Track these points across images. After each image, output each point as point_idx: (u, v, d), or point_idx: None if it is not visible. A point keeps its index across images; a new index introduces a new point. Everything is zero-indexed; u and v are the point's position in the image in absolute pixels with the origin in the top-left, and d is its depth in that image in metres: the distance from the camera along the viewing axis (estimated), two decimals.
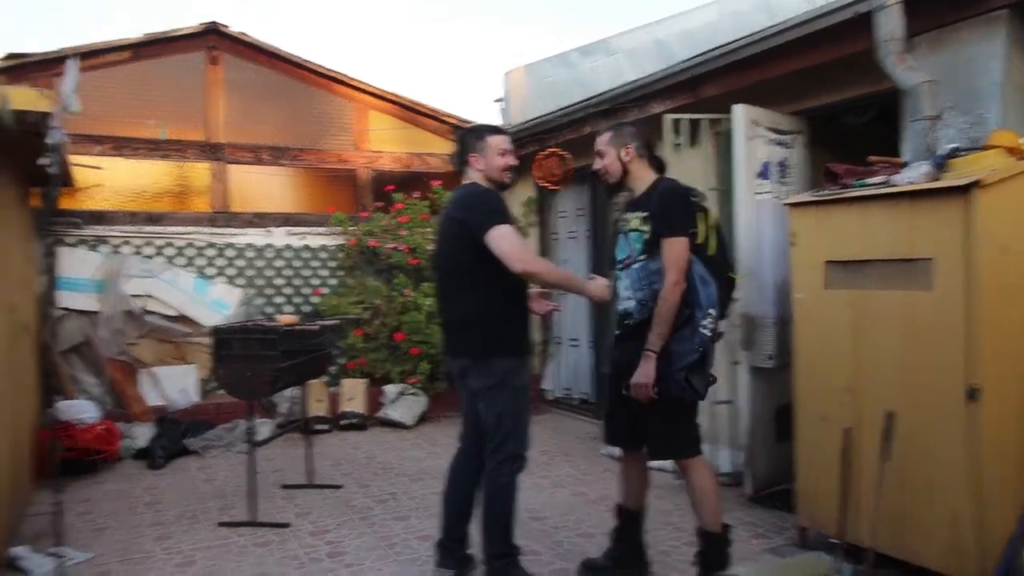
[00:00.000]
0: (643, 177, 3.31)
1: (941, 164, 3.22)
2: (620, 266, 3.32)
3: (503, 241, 3.11)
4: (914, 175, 3.23)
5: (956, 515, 3.04)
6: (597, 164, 3.38)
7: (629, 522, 3.49)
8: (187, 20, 8.07)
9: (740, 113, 4.42)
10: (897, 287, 3.25)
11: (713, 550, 3.23)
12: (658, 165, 3.37)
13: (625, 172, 3.31)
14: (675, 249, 3.08)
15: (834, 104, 4.62)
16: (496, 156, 3.35)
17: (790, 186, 4.67)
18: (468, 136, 3.43)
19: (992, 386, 2.98)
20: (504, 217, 3.18)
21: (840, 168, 3.67)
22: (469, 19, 25.83)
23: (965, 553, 3.00)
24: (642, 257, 3.20)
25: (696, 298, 3.05)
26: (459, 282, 3.29)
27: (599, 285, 3.37)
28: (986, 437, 2.97)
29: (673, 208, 3.14)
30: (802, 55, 4.32)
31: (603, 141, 3.35)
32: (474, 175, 3.37)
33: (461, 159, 3.43)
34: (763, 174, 4.51)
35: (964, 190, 2.97)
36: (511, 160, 3.40)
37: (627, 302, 3.27)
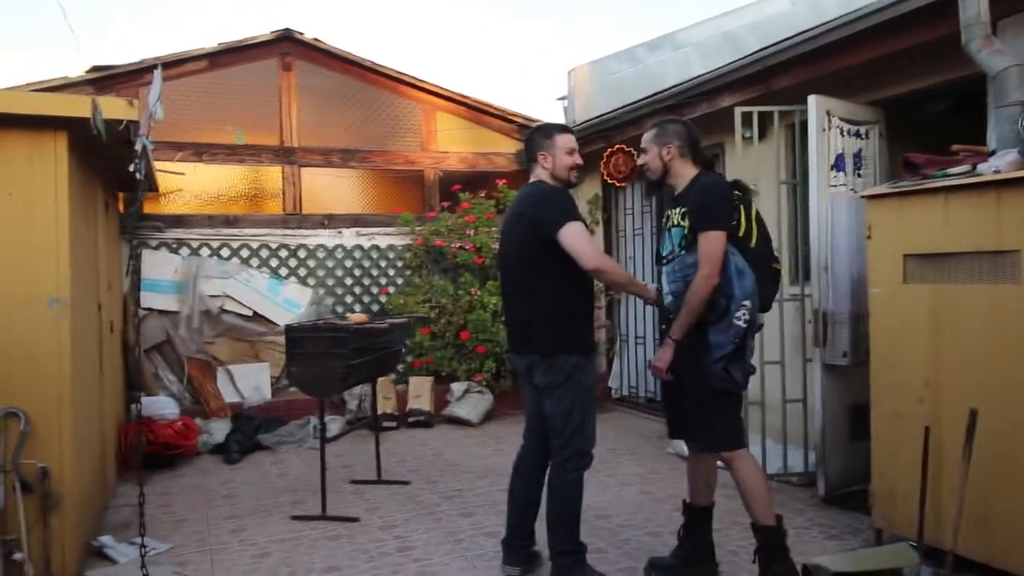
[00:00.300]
0: (685, 174, 3.32)
1: None
2: (665, 262, 3.34)
3: (575, 238, 3.14)
4: (1001, 164, 3.11)
5: None
6: (640, 160, 3.43)
7: (697, 520, 3.44)
8: (258, 28, 8.27)
9: (814, 104, 4.32)
10: (982, 281, 3.14)
11: (770, 543, 3.18)
12: (704, 162, 3.37)
13: (666, 170, 3.33)
14: (710, 243, 3.09)
15: (912, 93, 4.48)
16: (564, 155, 3.36)
17: (866, 178, 4.53)
18: (536, 135, 3.45)
19: None
20: (575, 215, 3.21)
21: (920, 158, 3.55)
22: (533, 19, 25.90)
23: None
24: (683, 251, 3.22)
25: (731, 290, 3.07)
26: (526, 280, 3.31)
27: (655, 291, 3.45)
28: None
29: (709, 202, 3.15)
30: (880, 42, 4.19)
31: (647, 139, 3.37)
32: (541, 173, 3.39)
33: (529, 157, 3.45)
34: (838, 166, 4.39)
35: None
36: (578, 159, 3.42)
37: (667, 296, 3.31)
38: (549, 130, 3.44)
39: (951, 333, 3.25)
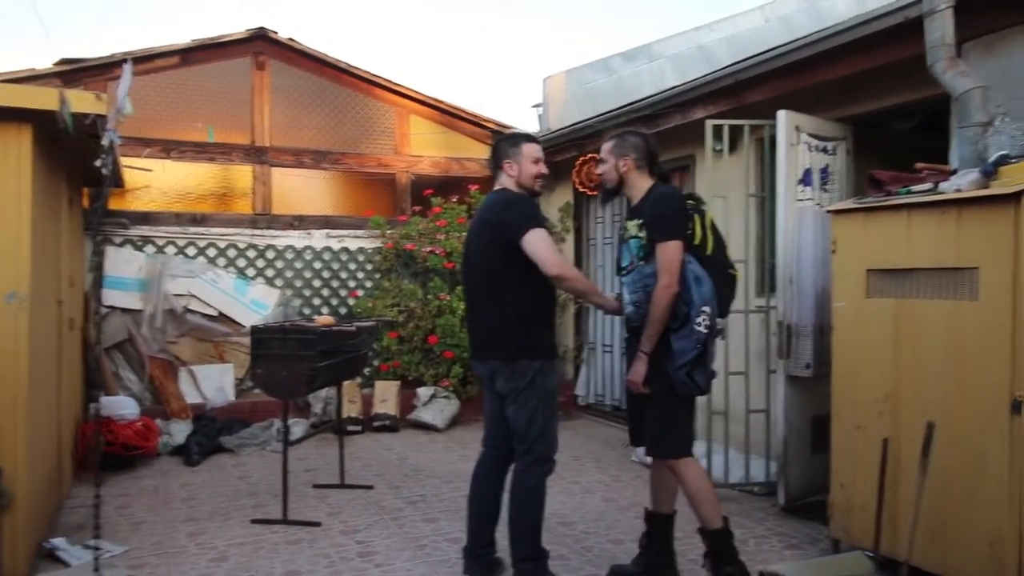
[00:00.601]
0: (640, 186, 3.40)
1: (990, 172, 3.15)
2: (624, 273, 3.41)
3: (539, 245, 3.16)
4: (962, 182, 3.17)
5: (997, 531, 2.97)
6: (598, 170, 3.51)
7: (659, 527, 3.47)
8: (232, 26, 8.21)
9: (783, 119, 4.38)
10: (942, 296, 3.20)
11: (720, 546, 3.24)
12: (661, 174, 3.44)
13: (622, 181, 3.40)
14: (667, 253, 3.17)
15: (879, 111, 4.57)
16: (529, 164, 3.40)
17: (832, 193, 4.61)
18: (503, 143, 3.49)
19: None
20: (540, 222, 3.23)
21: (885, 175, 3.62)
22: (510, 25, 25.97)
23: (1006, 570, 2.93)
24: (642, 262, 3.29)
25: (690, 297, 3.13)
26: (490, 286, 3.32)
27: (615, 302, 3.52)
28: None
29: (664, 214, 3.23)
30: (849, 60, 4.27)
31: (605, 149, 3.44)
32: (507, 181, 3.42)
33: (495, 165, 3.48)
34: (805, 181, 4.46)
35: (1014, 198, 2.91)
36: (543, 168, 3.46)
37: (629, 306, 3.37)
38: (516, 139, 3.48)
39: (911, 348, 3.31)
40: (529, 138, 3.54)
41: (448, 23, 25.96)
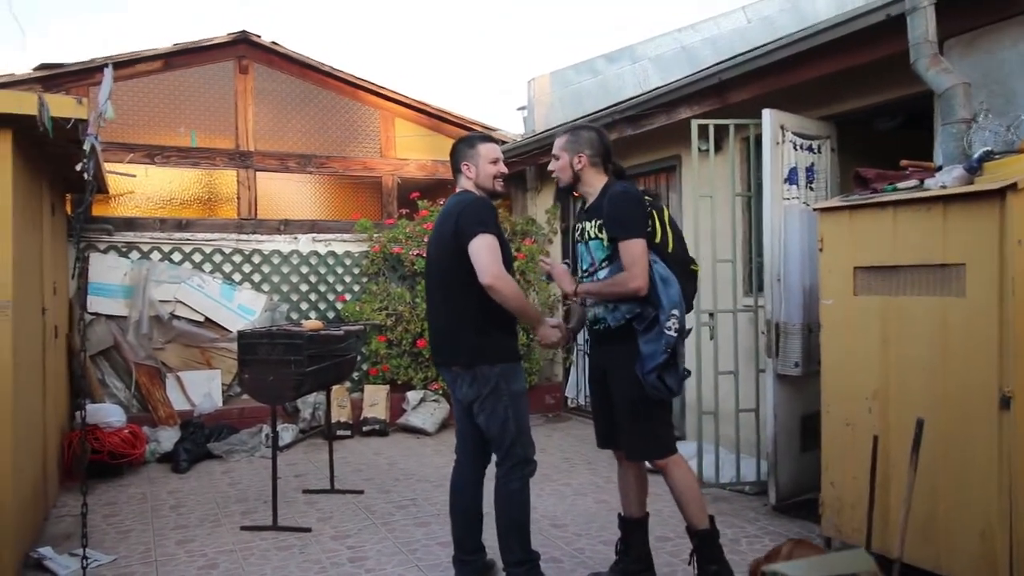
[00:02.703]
0: (595, 184, 3.32)
1: (975, 168, 3.17)
2: (585, 274, 3.35)
3: (481, 252, 3.11)
4: (947, 179, 3.18)
5: (988, 525, 2.98)
6: (551, 166, 3.40)
7: (633, 532, 3.46)
8: (215, 29, 8.18)
9: (768, 118, 4.40)
10: (928, 293, 3.21)
11: (706, 545, 3.23)
12: (617, 172, 3.37)
13: (577, 178, 3.32)
14: (632, 250, 3.10)
15: (863, 109, 4.59)
16: (487, 164, 3.36)
17: (818, 191, 4.63)
18: (460, 145, 3.44)
19: None
20: (488, 227, 3.15)
21: (870, 173, 3.63)
22: (496, 28, 26.00)
23: (996, 564, 2.94)
24: (605, 263, 3.23)
25: (658, 300, 3.08)
26: (450, 290, 3.28)
27: (551, 331, 3.37)
28: (1018, 445, 2.91)
29: (623, 210, 3.16)
30: (832, 59, 4.28)
31: (559, 145, 3.35)
32: (466, 183, 3.38)
33: (454, 168, 3.44)
34: (791, 179, 4.48)
35: (999, 194, 2.91)
36: (502, 168, 3.41)
37: (596, 308, 3.30)
38: (472, 140, 3.43)
39: (899, 344, 3.32)
40: (486, 138, 3.49)
41: (434, 27, 25.99)
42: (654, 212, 3.20)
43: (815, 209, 3.80)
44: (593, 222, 3.26)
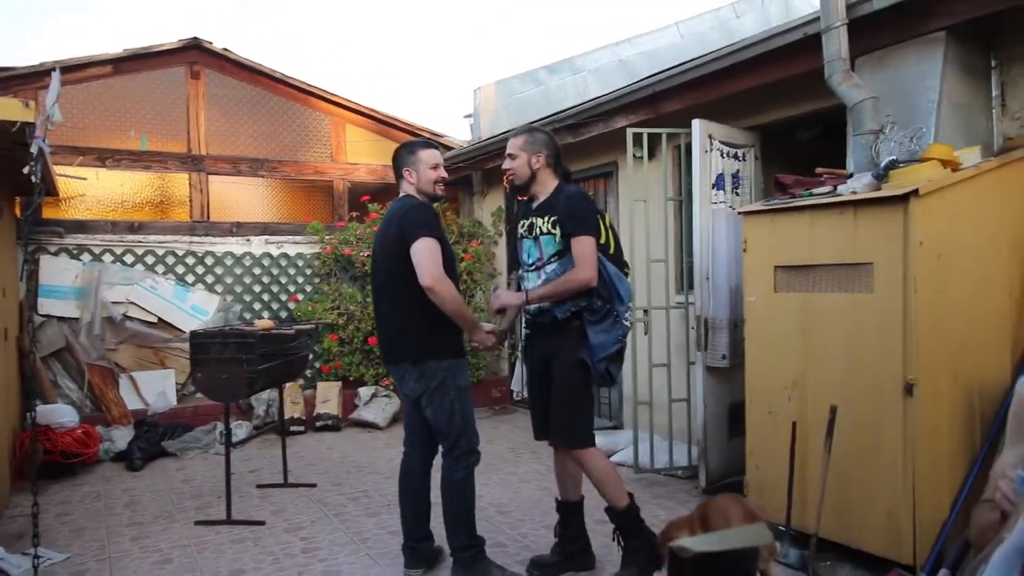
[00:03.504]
0: (548, 184, 3.45)
1: (882, 175, 3.38)
2: (531, 268, 3.45)
3: (422, 254, 3.21)
4: (858, 185, 3.40)
5: (893, 503, 3.20)
6: (507, 165, 3.50)
7: (570, 514, 3.63)
8: (171, 31, 8.19)
9: (697, 128, 4.61)
10: (842, 290, 3.41)
11: (628, 522, 3.42)
12: (564, 174, 3.52)
13: (532, 178, 3.45)
14: (585, 246, 3.25)
15: (785, 120, 4.82)
16: (428, 169, 3.47)
17: (743, 196, 4.85)
18: (401, 151, 3.54)
19: (926, 381, 3.15)
20: (430, 231, 3.25)
21: (789, 179, 3.86)
22: (443, 37, 26.08)
23: (901, 539, 3.17)
24: (555, 258, 3.36)
25: (617, 292, 3.28)
26: (395, 291, 3.38)
27: (486, 336, 3.47)
28: (920, 429, 3.14)
29: (580, 209, 3.31)
30: (756, 73, 4.51)
31: (516, 145, 3.46)
32: (408, 188, 3.49)
33: (397, 174, 3.54)
34: (718, 185, 4.69)
35: (902, 199, 3.13)
36: (442, 173, 3.53)
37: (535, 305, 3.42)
38: (413, 146, 3.53)
39: (815, 337, 3.53)
40: (427, 145, 3.57)
41: (383, 36, 25.96)
42: (598, 216, 3.37)
43: (740, 213, 3.99)
44: (546, 218, 3.36)
